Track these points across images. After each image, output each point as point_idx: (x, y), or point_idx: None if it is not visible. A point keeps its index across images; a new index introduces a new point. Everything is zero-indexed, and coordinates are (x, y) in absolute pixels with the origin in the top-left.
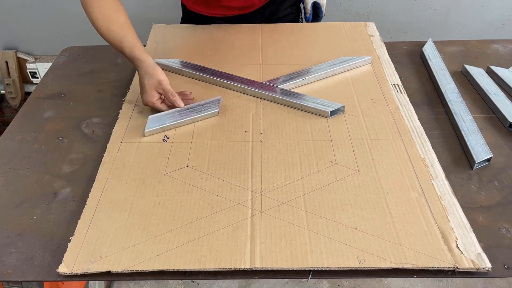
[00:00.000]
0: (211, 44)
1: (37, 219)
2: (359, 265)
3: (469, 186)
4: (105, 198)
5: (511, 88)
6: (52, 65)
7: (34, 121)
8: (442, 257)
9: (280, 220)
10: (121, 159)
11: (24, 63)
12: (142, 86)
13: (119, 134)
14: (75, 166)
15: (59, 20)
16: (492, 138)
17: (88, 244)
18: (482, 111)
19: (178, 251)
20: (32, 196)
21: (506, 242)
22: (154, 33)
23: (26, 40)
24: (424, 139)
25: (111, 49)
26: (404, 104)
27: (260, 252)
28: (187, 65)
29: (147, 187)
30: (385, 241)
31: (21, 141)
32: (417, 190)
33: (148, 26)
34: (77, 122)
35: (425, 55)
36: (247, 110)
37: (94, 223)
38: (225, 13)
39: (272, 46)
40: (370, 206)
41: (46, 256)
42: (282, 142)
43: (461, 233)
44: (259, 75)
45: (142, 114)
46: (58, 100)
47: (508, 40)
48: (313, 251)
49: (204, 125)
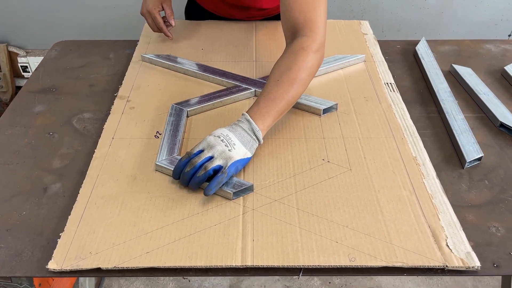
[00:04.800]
0: (204, 40)
1: (26, 214)
2: (350, 263)
3: (459, 185)
4: (96, 194)
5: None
6: (43, 59)
7: (24, 115)
8: (432, 255)
9: (271, 218)
10: (113, 155)
11: (15, 57)
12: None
13: (110, 129)
14: (65, 161)
15: (51, 14)
16: (483, 138)
17: (78, 240)
18: (473, 110)
19: (169, 248)
20: (22, 191)
21: (496, 240)
22: (147, 29)
23: (18, 34)
24: (416, 138)
25: (103, 44)
26: (397, 102)
27: (251, 249)
28: (180, 61)
29: (139, 183)
30: (376, 239)
31: (11, 135)
32: (409, 188)
33: (142, 21)
34: (68, 117)
35: (418, 54)
36: (240, 107)
37: (84, 219)
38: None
39: (266, 43)
40: (361, 204)
41: (36, 251)
42: (274, 140)
43: (451, 231)
44: (253, 71)
45: (134, 110)
46: (49, 94)
47: (500, 40)
48: (304, 249)
49: (197, 122)
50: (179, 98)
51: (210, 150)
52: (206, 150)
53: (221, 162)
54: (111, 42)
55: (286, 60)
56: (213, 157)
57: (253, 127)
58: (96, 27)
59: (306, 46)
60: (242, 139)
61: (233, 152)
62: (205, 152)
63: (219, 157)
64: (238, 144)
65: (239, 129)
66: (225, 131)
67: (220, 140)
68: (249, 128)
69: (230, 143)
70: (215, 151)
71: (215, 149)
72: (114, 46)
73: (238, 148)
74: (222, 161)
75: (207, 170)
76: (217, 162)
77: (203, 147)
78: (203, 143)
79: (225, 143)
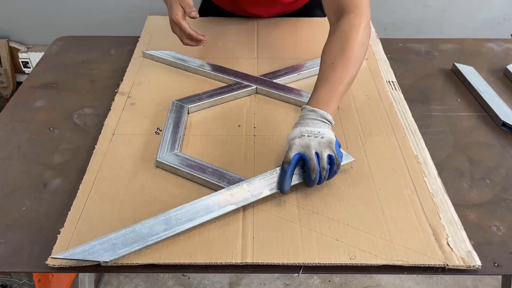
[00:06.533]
0: (206, 37)
1: (26, 209)
2: (350, 261)
3: (461, 184)
4: (96, 190)
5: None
6: (44, 54)
7: (25, 110)
8: (433, 254)
9: (272, 215)
10: (113, 151)
11: (16, 53)
12: (169, 2)
13: (111, 125)
14: (66, 157)
15: (52, 9)
16: (485, 137)
17: (79, 236)
18: (475, 109)
19: (169, 244)
20: (22, 186)
21: (497, 239)
22: (149, 25)
23: (19, 29)
24: (418, 136)
25: (104, 40)
26: (399, 100)
27: (251, 246)
28: (181, 57)
29: (139, 180)
30: (376, 238)
31: (12, 130)
32: (410, 187)
33: (144, 17)
34: (69, 113)
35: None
36: (241, 104)
37: (84, 215)
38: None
39: (268, 40)
40: (362, 203)
41: (35, 247)
42: (275, 137)
43: (452, 230)
44: (254, 69)
45: (135, 106)
46: (50, 90)
47: (503, 39)
48: (304, 247)
49: (198, 119)
50: (180, 95)
51: (309, 149)
52: (306, 152)
53: (328, 151)
54: (112, 38)
55: (338, 41)
56: (318, 153)
57: (321, 113)
58: (97, 23)
59: (355, 23)
60: (319, 125)
61: (326, 137)
62: (308, 153)
63: (323, 149)
64: (321, 129)
65: (309, 120)
66: (301, 129)
67: (307, 136)
68: (317, 115)
69: (315, 132)
70: (315, 147)
71: (312, 145)
72: (115, 42)
73: (324, 131)
74: (328, 150)
75: (325, 168)
76: (326, 153)
77: (298, 151)
78: (295, 148)
79: (313, 135)
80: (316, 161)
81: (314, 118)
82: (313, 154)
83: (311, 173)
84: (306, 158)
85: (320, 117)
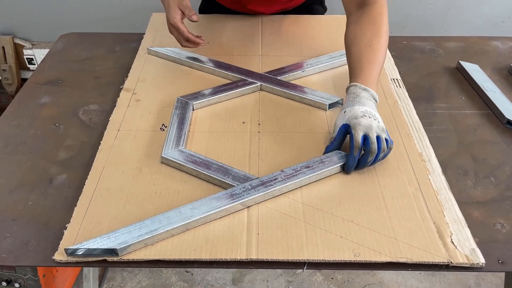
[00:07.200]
0: (210, 34)
1: (32, 204)
2: (354, 258)
3: (465, 182)
4: (102, 186)
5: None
6: (49, 51)
7: (30, 106)
8: (437, 251)
9: (276, 212)
10: (118, 147)
11: (21, 49)
12: (167, 4)
13: (116, 121)
14: (71, 152)
15: (57, 6)
16: (490, 135)
17: (84, 232)
18: (479, 107)
19: (174, 240)
20: (28, 182)
21: (501, 237)
22: (153, 22)
23: (24, 26)
24: (422, 134)
25: (109, 37)
26: (403, 98)
27: (256, 243)
28: (186, 54)
29: (144, 176)
30: (380, 235)
31: (17, 126)
32: (414, 184)
33: (148, 14)
34: (74, 109)
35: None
36: (246, 101)
37: (90, 210)
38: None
39: (272, 37)
40: (366, 200)
41: (41, 241)
42: (280, 134)
43: (456, 228)
44: (258, 66)
45: (140, 102)
46: (55, 86)
47: (508, 38)
48: (309, 243)
49: (202, 115)
50: (185, 91)
51: (371, 131)
52: (369, 133)
53: (385, 135)
54: (117, 34)
55: (371, 24)
56: (379, 136)
57: (371, 93)
58: (102, 20)
59: (382, 11)
60: (373, 106)
61: (381, 121)
62: (371, 135)
63: (381, 133)
64: (376, 112)
65: (365, 100)
66: (360, 108)
67: (368, 117)
68: (369, 96)
69: (373, 114)
70: (376, 130)
71: (374, 128)
72: (120, 39)
73: (377, 114)
74: (384, 134)
75: (385, 151)
76: (383, 137)
77: (364, 132)
78: (360, 128)
79: (372, 117)
80: (376, 145)
81: (368, 98)
82: (375, 137)
83: (369, 156)
84: (368, 139)
85: (371, 97)
